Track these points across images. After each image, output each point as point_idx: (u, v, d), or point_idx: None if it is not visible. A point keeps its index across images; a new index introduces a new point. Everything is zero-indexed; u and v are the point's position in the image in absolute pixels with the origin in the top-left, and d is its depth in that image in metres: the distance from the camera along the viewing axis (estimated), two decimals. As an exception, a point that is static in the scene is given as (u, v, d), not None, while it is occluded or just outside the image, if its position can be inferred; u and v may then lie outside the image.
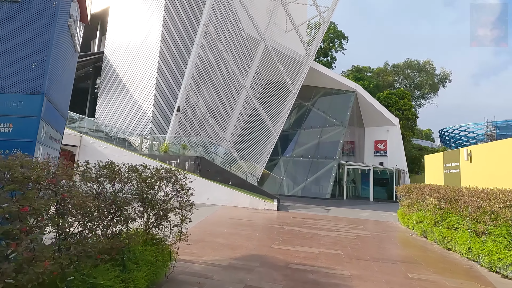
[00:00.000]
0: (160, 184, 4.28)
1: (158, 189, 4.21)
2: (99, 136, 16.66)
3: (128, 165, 4.16)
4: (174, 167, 13.38)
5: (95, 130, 18.02)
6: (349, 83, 23.95)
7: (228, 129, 20.07)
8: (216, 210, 11.14)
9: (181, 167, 13.75)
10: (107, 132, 18.58)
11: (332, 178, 20.16)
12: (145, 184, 4.07)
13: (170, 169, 4.77)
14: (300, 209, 13.13)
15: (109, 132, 19.18)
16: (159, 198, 4.17)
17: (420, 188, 8.14)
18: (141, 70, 19.50)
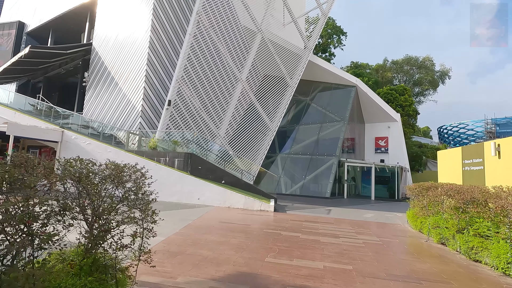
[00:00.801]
0: (112, 183, 3.11)
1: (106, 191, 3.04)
2: (83, 132, 15.42)
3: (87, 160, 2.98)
4: (162, 164, 12.17)
5: (80, 125, 16.77)
6: (349, 77, 22.82)
7: (223, 124, 18.89)
8: (207, 212, 9.98)
9: (170, 165, 12.59)
10: (94, 127, 17.33)
11: (332, 176, 19.05)
12: (87, 183, 2.90)
13: (134, 166, 3.57)
14: (299, 210, 12.00)
15: (97, 127, 17.94)
16: (107, 203, 3.00)
17: (437, 188, 7.02)
18: (130, 62, 18.24)
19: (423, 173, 26.36)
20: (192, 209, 10.39)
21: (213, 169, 13.09)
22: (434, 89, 43.73)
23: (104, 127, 17.54)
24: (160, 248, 5.33)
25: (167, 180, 12.33)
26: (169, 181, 12.30)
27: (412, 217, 8.60)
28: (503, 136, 41.80)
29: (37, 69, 25.75)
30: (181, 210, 10.00)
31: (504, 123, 43.23)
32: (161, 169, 12.51)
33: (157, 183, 11.17)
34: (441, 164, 9.59)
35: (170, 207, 10.51)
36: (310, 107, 23.13)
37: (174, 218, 8.41)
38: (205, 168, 12.89)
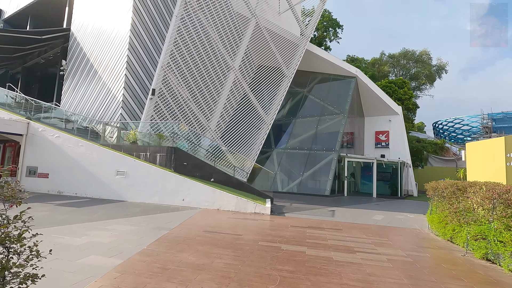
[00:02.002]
0: None
1: None
2: (53, 124, 13.47)
3: None
4: (142, 160, 10.36)
5: (52, 117, 14.78)
6: (348, 67, 21.17)
7: (214, 117, 17.10)
8: (191, 217, 8.25)
9: (151, 161, 10.79)
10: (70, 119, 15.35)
11: (332, 173, 17.47)
12: None
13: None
14: (298, 212, 10.35)
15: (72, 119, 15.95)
16: None
17: (481, 189, 5.41)
18: (110, 48, 16.27)
19: (424, 169, 25.01)
20: (174, 213, 8.64)
21: (201, 165, 11.34)
22: (431, 83, 42.49)
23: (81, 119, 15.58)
24: (107, 281, 3.59)
25: (148, 179, 10.55)
26: (150, 179, 10.52)
27: (437, 223, 7.00)
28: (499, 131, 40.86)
29: (13, 58, 23.50)
30: (160, 215, 8.25)
31: (500, 118, 42.22)
32: (141, 165, 10.72)
33: (135, 182, 9.31)
34: (471, 159, 8.02)
35: (147, 211, 8.75)
36: (307, 99, 21.46)
37: (148, 226, 6.66)
38: (191, 165, 11.12)
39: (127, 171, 10.75)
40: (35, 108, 14.18)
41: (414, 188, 21.05)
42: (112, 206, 9.26)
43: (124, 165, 10.84)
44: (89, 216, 7.57)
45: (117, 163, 10.91)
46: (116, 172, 10.85)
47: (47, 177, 11.68)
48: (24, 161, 12.02)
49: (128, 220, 7.25)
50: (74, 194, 11.30)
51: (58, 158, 11.56)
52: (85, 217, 7.36)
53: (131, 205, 9.74)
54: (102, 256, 4.41)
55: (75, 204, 9.35)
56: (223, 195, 9.81)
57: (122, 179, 10.75)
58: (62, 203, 9.47)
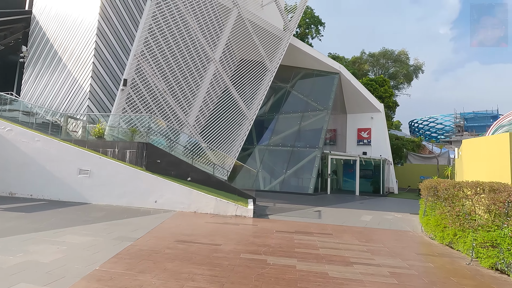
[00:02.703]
0: None
1: None
2: (5, 116, 11.78)
3: None
4: (109, 157, 9.09)
5: (7, 109, 13.00)
6: (332, 63, 20.64)
7: (192, 111, 15.92)
8: (163, 221, 7.17)
9: (120, 158, 9.55)
10: (27, 110, 13.60)
11: (315, 170, 16.85)
12: None
13: None
14: (283, 213, 9.53)
15: (35, 112, 14.20)
16: None
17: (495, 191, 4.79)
18: (76, 32, 14.64)
19: (404, 166, 25.15)
20: (144, 217, 7.53)
21: (176, 163, 10.22)
22: (408, 82, 43.29)
23: (43, 111, 13.89)
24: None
25: (116, 178, 9.31)
26: (118, 179, 9.28)
27: (435, 225, 6.41)
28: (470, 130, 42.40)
29: (-34, 43, 20.97)
30: (127, 220, 7.11)
31: (471, 117, 43.84)
32: (108, 163, 9.44)
33: (101, 182, 8.11)
34: (469, 157, 7.52)
35: (113, 215, 7.57)
36: (290, 95, 20.72)
37: (109, 236, 5.55)
38: (166, 162, 9.98)
39: (92, 169, 9.44)
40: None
41: (395, 186, 20.97)
42: (71, 210, 7.98)
43: (88, 162, 9.51)
44: (39, 223, 6.31)
45: (80, 161, 9.56)
46: (78, 170, 9.50)
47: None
48: (-30, 158, 10.33)
49: (86, 228, 6.08)
50: (28, 196, 9.82)
51: (9, 154, 10.00)
52: (33, 225, 6.10)
53: (94, 208, 8.49)
54: (33, 285, 3.31)
55: (26, 209, 7.98)
56: (200, 196, 8.78)
57: (85, 178, 9.43)
58: (10, 207, 8.06)
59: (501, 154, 5.99)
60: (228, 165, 16.31)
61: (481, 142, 7.25)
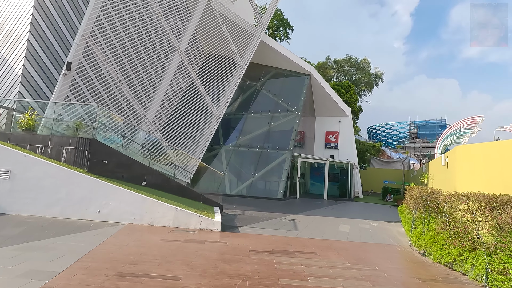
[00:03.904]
0: None
1: None
2: None
3: None
4: (38, 155, 7.01)
5: None
6: (303, 64, 19.95)
7: (152, 105, 13.96)
8: (104, 241, 5.44)
9: (54, 156, 7.49)
10: None
11: (285, 174, 15.87)
12: None
13: None
14: (255, 224, 8.23)
15: None
16: None
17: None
18: (9, 3, 11.96)
19: (367, 170, 25.45)
20: (78, 235, 5.69)
21: (128, 164, 8.39)
22: (369, 90, 44.89)
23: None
24: None
25: (45, 181, 7.24)
26: (48, 182, 7.23)
27: (429, 242, 5.58)
28: (423, 137, 45.20)
29: None
30: (52, 241, 5.24)
31: (423, 125, 46.93)
32: (35, 163, 7.32)
33: (25, 186, 6.03)
34: (465, 165, 6.87)
35: (34, 232, 5.61)
36: (260, 94, 19.59)
37: (13, 271, 3.74)
38: (114, 163, 8.11)
39: (13, 170, 7.25)
40: None
41: (360, 189, 20.90)
42: (-26, 226, 5.83)
43: (8, 161, 7.30)
44: None
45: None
46: (-6, 171, 7.24)
47: None
48: None
49: (-17, 257, 4.17)
50: None
51: None
52: None
53: (12, 221, 6.39)
54: None
55: None
56: (156, 206, 7.12)
57: (3, 182, 7.21)
58: None
59: (506, 163, 5.36)
60: (192, 167, 14.64)
61: (479, 149, 6.68)
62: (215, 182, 15.57)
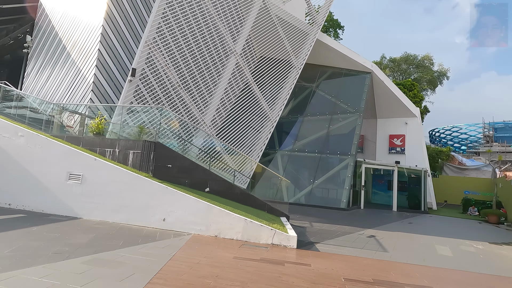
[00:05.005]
0: None
1: None
2: None
3: None
4: (107, 159, 6.81)
5: (1, 99, 10.98)
6: (363, 61, 18.14)
7: (209, 109, 13.67)
8: (173, 255, 4.76)
9: (121, 160, 7.25)
10: (20, 102, 11.57)
11: (348, 181, 14.27)
12: None
13: None
14: (331, 241, 7.00)
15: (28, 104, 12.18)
16: None
17: None
18: (82, 18, 12.69)
19: (439, 179, 22.18)
20: (146, 246, 5.14)
21: (191, 169, 7.86)
22: (432, 89, 40.21)
23: (37, 103, 11.80)
24: None
25: (111, 186, 7.01)
26: (114, 187, 6.98)
27: None
28: (500, 140, 38.84)
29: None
30: (121, 252, 4.73)
31: (501, 127, 40.33)
32: (104, 166, 7.16)
33: (94, 191, 5.75)
34: None
35: (102, 240, 5.21)
36: (316, 96, 18.28)
37: None
38: (177, 168, 7.64)
39: (84, 174, 7.17)
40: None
41: (433, 201, 18.10)
42: (48, 230, 5.68)
43: (80, 165, 7.26)
44: (-15, 256, 4.01)
45: (70, 162, 7.32)
46: (68, 175, 7.25)
47: (-29, 179, 7.95)
48: None
49: (51, 269, 3.73)
50: (6, 206, 7.61)
51: (-14, 152, 7.87)
52: (-26, 261, 3.80)
53: (82, 227, 6.18)
54: None
55: (-11, 226, 5.73)
56: (223, 215, 6.36)
57: (75, 185, 7.17)
58: (-31, 223, 5.83)
59: None
60: (248, 172, 13.94)
61: None
62: (272, 188, 14.62)
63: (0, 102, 10.94)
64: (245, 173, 13.75)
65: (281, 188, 15.12)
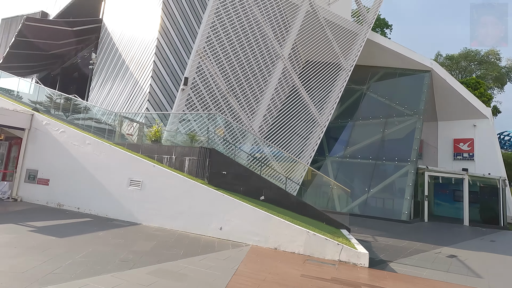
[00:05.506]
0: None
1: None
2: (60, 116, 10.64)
3: None
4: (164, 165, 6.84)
5: (71, 111, 12.04)
6: (421, 59, 16.48)
7: (257, 115, 13.46)
8: (236, 270, 4.42)
9: (177, 166, 7.24)
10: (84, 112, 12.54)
11: (409, 190, 12.83)
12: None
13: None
14: (405, 260, 6.08)
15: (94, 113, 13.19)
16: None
17: None
18: (139, 33, 13.46)
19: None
20: (206, 257, 4.88)
21: (245, 176, 7.57)
22: (500, 87, 35.44)
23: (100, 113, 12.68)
24: None
25: (168, 193, 7.00)
26: (171, 194, 6.96)
27: None
28: None
29: (50, 57, 21.91)
30: (184, 262, 4.52)
31: None
32: (162, 173, 7.22)
33: (152, 197, 5.71)
34: None
35: (164, 249, 5.09)
36: (367, 98, 17.05)
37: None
38: (232, 175, 7.40)
39: (144, 180, 7.30)
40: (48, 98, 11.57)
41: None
42: (113, 236, 5.77)
43: (140, 172, 7.42)
44: (59, 261, 4.08)
45: (131, 169, 7.53)
46: (128, 181, 7.46)
47: (47, 184, 8.66)
48: (24, 163, 9.17)
49: (120, 279, 3.61)
50: (75, 209, 8.09)
51: (60, 159, 8.51)
52: (48, 266, 3.88)
53: (142, 233, 6.20)
54: None
55: (62, 229, 6.02)
56: (283, 227, 5.88)
57: (135, 191, 7.32)
58: (45, 225, 6.20)
59: None
60: (297, 179, 13.33)
61: None
62: (323, 197, 13.77)
63: (70, 114, 11.98)
64: (294, 179, 13.19)
65: (332, 196, 14.19)
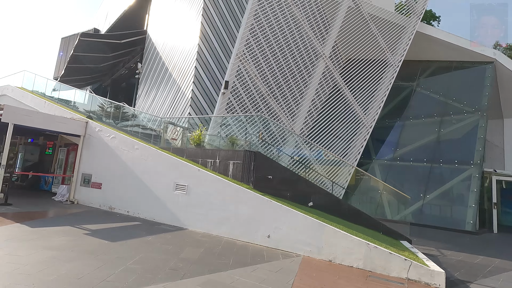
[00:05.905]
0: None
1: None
2: (111, 124, 11.14)
3: None
4: (208, 169, 6.68)
5: (120, 118, 12.65)
6: (482, 50, 14.60)
7: (298, 116, 12.95)
8: (292, 284, 3.98)
9: (221, 170, 7.03)
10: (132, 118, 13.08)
11: (473, 197, 11.28)
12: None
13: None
14: (488, 281, 5.13)
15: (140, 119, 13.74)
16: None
17: None
18: (181, 40, 13.80)
19: None
20: (257, 267, 4.51)
21: (292, 180, 7.12)
22: None
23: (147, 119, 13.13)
24: None
25: (214, 197, 6.80)
26: (217, 199, 6.75)
27: None
28: None
29: (102, 69, 23.64)
30: (234, 274, 4.21)
31: None
32: (206, 177, 7.07)
33: (198, 201, 5.50)
34: None
35: (213, 258, 4.84)
36: (418, 95, 15.56)
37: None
38: (278, 179, 6.99)
39: (189, 184, 7.22)
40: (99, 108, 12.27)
41: None
42: (161, 241, 5.69)
43: (185, 176, 7.36)
44: (112, 267, 4.02)
45: (176, 173, 7.51)
46: (174, 185, 7.44)
47: (100, 187, 9.07)
48: (80, 167, 9.73)
49: (172, 291, 3.39)
50: (125, 213, 8.31)
51: (111, 164, 8.85)
52: (100, 273, 3.81)
53: (189, 239, 6.05)
54: None
55: (114, 233, 6.11)
56: (339, 237, 5.31)
57: (181, 196, 7.27)
58: (98, 228, 6.36)
59: None
60: (342, 183, 12.50)
61: None
62: (371, 203, 12.73)
63: (120, 122, 12.55)
64: (340, 183, 12.38)
65: (381, 203, 13.07)
